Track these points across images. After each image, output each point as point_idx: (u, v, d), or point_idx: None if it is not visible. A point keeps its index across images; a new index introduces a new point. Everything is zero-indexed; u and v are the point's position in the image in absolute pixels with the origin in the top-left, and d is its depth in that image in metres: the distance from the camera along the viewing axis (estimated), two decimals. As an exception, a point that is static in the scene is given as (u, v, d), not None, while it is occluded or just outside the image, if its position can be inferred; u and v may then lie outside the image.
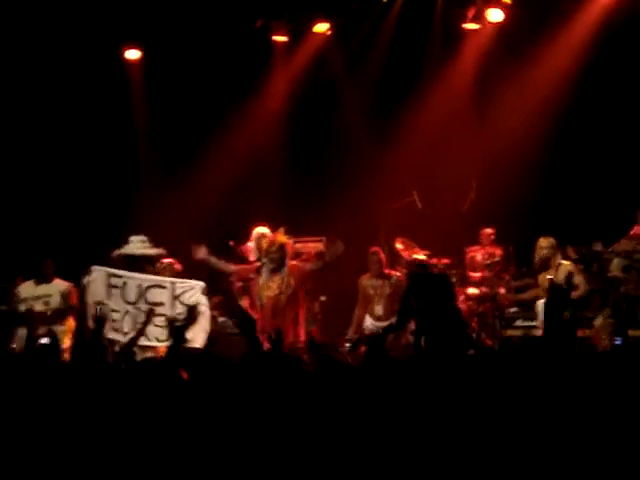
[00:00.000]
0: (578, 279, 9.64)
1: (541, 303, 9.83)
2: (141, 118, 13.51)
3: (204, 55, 13.01)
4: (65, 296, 10.90)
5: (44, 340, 10.02)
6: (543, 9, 12.33)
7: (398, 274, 11.25)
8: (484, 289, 11.60)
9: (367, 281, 11.18)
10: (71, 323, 10.76)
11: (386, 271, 11.18)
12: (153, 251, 10.12)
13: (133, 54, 13.30)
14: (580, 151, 12.48)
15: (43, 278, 11.02)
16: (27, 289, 11.00)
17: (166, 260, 10.66)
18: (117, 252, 10.06)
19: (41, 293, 10.94)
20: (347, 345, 10.61)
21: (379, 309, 11.09)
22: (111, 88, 13.20)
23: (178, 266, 10.65)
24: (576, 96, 12.27)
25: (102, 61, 13.00)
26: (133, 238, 10.16)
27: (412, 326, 10.73)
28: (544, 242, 10.06)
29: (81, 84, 12.97)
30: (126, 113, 13.46)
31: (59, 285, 11.01)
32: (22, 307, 10.86)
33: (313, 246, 12.21)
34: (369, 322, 11.16)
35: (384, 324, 10.99)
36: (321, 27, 13.10)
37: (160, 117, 13.38)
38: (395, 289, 11.05)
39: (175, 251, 10.68)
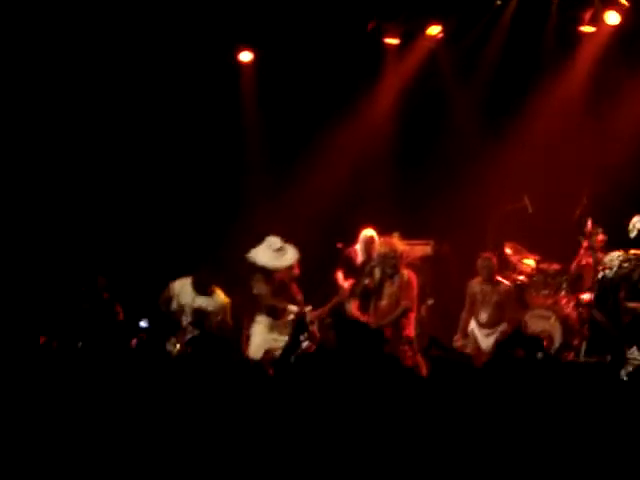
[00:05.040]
0: None
1: None
2: (252, 119, 13.63)
3: (316, 57, 13.07)
4: (219, 317, 10.21)
5: (144, 323, 10.18)
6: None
7: (507, 282, 11.07)
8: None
9: (476, 286, 11.01)
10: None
11: (496, 278, 11.00)
12: (274, 264, 10.19)
13: (246, 56, 13.45)
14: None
15: (203, 288, 10.19)
16: (186, 295, 10.20)
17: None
18: (249, 255, 10.22)
19: (199, 305, 10.14)
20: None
21: (484, 316, 10.91)
22: (224, 89, 13.36)
23: (297, 270, 10.58)
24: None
25: (216, 63, 13.16)
26: (268, 242, 10.22)
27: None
28: None
29: (195, 85, 13.15)
30: (237, 114, 13.61)
31: (219, 300, 10.25)
32: (175, 308, 10.17)
33: (420, 249, 12.16)
34: (473, 326, 11.01)
35: (488, 331, 10.86)
36: (433, 29, 13.03)
37: (271, 118, 13.49)
38: (503, 297, 10.89)
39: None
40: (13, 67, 12.42)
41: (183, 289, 10.23)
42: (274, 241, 10.23)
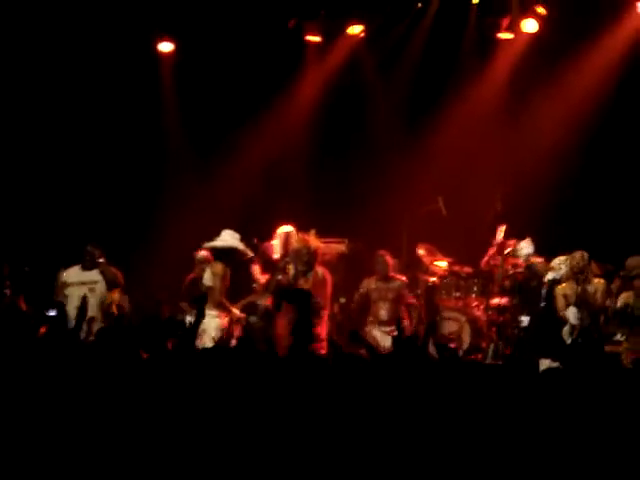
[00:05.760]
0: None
1: (572, 309, 9.89)
2: (171, 111, 13.53)
3: (237, 51, 13.02)
4: (111, 277, 10.58)
5: (52, 312, 10.10)
6: (578, 21, 12.27)
7: (403, 278, 11.18)
8: (505, 300, 11.53)
9: (372, 284, 11.13)
10: (116, 295, 10.59)
11: (391, 275, 11.12)
12: (242, 246, 10.19)
13: (166, 47, 13.31)
14: (610, 165, 12.41)
15: (88, 264, 10.64)
16: (72, 274, 10.66)
17: (202, 253, 10.71)
18: (208, 245, 10.16)
19: (87, 279, 10.57)
20: None
21: (383, 313, 11.02)
22: (142, 80, 13.22)
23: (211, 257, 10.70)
24: (609, 109, 12.20)
25: (134, 53, 13.02)
26: (226, 231, 10.21)
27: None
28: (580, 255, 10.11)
29: (113, 75, 12.99)
30: (156, 105, 13.48)
31: (108, 271, 10.62)
32: (67, 292, 10.49)
33: (335, 247, 12.19)
34: (372, 324, 11.06)
35: (388, 328, 10.93)
36: (355, 29, 13.08)
37: (190, 111, 13.40)
38: (398, 293, 11.00)
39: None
40: None
41: (69, 273, 10.60)
42: (232, 232, 10.23)
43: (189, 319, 9.72)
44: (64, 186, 13.07)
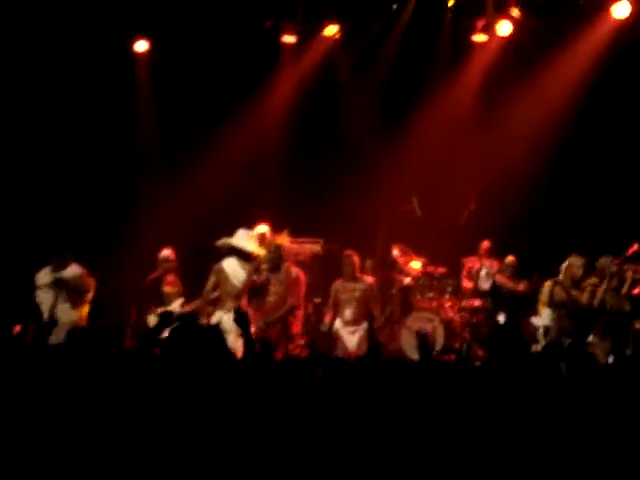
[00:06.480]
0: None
1: (546, 311, 9.99)
2: (146, 111, 13.49)
3: (212, 51, 13.01)
4: (76, 283, 10.20)
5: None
6: (553, 24, 12.35)
7: (370, 279, 11.12)
8: (478, 301, 11.61)
9: (340, 285, 11.09)
10: (84, 310, 10.25)
11: (358, 275, 11.08)
12: (250, 247, 10.07)
13: (141, 46, 13.28)
14: (582, 166, 12.52)
15: (59, 264, 10.21)
16: (43, 277, 10.27)
17: (165, 252, 10.70)
18: (222, 241, 10.08)
19: (54, 277, 10.18)
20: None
21: (348, 312, 10.95)
22: (118, 79, 13.18)
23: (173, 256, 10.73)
24: (581, 112, 12.30)
25: (109, 52, 12.98)
26: (241, 231, 10.13)
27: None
28: (579, 261, 10.15)
29: (88, 75, 12.94)
30: (132, 104, 13.44)
31: (72, 272, 10.23)
32: (38, 295, 10.18)
33: (310, 247, 12.21)
34: (339, 326, 11.03)
35: (352, 328, 10.91)
36: (331, 30, 13.10)
37: (165, 111, 13.37)
38: (364, 294, 10.92)
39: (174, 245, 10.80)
40: None
41: (40, 275, 10.30)
42: (248, 231, 10.20)
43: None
44: (37, 186, 12.98)
